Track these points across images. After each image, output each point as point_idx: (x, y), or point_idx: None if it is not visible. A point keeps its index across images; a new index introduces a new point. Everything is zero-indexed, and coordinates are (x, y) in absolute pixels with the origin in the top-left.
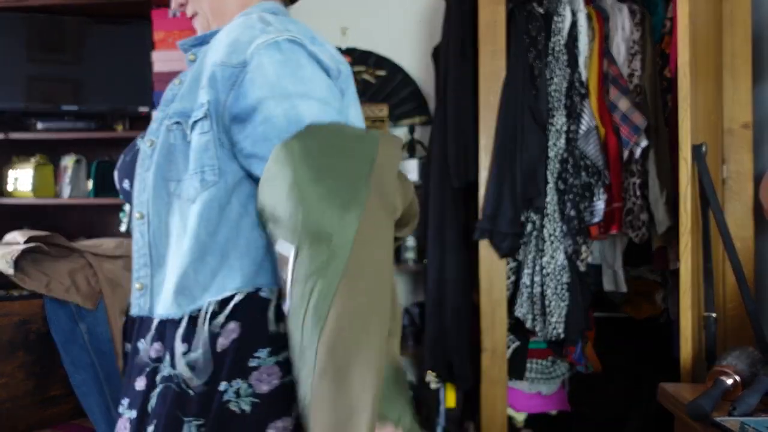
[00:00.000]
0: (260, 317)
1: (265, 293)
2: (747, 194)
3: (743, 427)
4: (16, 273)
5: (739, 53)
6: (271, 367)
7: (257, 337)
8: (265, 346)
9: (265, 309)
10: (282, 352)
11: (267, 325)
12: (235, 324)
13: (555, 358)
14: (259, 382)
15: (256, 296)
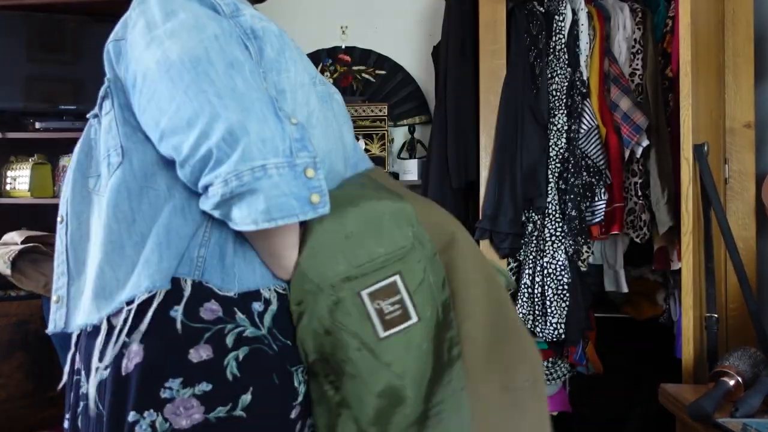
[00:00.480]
0: (171, 336)
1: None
2: (749, 194)
3: (745, 428)
4: (13, 273)
5: (740, 52)
6: (187, 400)
7: (166, 365)
8: (176, 376)
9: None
10: (198, 384)
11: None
12: (138, 347)
13: (556, 359)
14: (175, 416)
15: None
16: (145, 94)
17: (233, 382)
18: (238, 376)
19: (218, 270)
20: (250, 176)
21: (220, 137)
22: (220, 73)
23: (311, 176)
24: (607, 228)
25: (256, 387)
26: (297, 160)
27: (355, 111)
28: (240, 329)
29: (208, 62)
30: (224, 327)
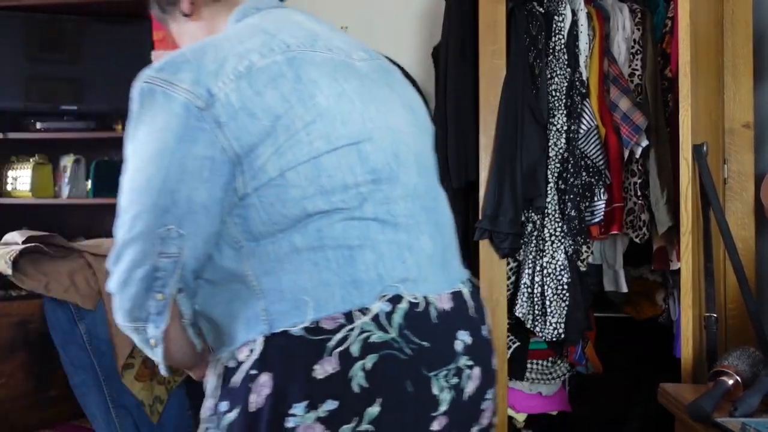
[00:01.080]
0: (295, 355)
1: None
2: (748, 194)
3: (744, 428)
4: (14, 273)
5: (740, 53)
6: (310, 426)
7: (292, 388)
8: (301, 399)
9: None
10: (323, 404)
11: (303, 367)
12: (267, 376)
13: (555, 359)
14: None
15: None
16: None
17: (360, 395)
18: (365, 387)
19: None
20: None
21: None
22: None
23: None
24: (606, 228)
25: (386, 397)
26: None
27: None
28: (366, 335)
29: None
30: (348, 335)
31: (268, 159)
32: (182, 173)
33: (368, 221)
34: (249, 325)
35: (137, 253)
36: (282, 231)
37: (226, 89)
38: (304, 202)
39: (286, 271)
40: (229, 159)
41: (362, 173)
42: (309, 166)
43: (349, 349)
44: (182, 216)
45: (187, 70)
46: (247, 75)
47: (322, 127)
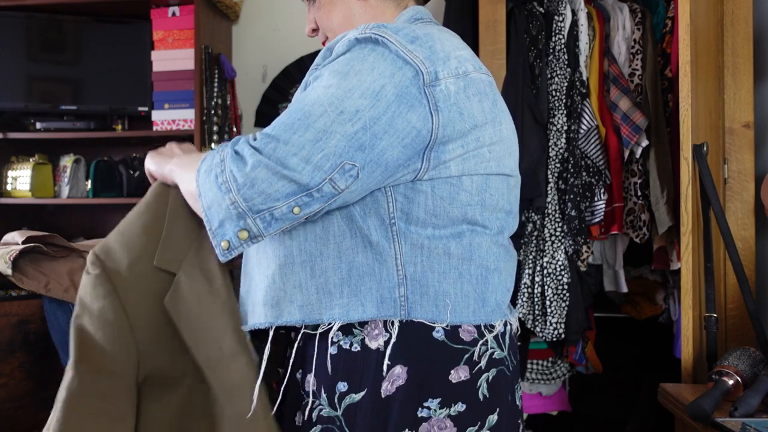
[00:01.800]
0: (434, 357)
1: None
2: (748, 194)
3: (744, 428)
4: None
5: (740, 52)
6: (442, 420)
7: (428, 385)
8: (436, 396)
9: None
10: (455, 404)
11: (441, 369)
12: (402, 369)
13: (555, 359)
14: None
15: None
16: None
17: (483, 403)
18: (487, 397)
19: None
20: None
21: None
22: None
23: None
24: (606, 228)
25: (501, 407)
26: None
27: None
28: (491, 351)
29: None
30: (479, 349)
31: (454, 158)
32: (390, 126)
33: (501, 248)
34: (384, 304)
35: (311, 162)
36: (437, 227)
37: (449, 80)
38: (467, 209)
39: (434, 270)
40: (429, 140)
41: (506, 203)
42: (482, 179)
43: (479, 362)
44: (369, 162)
45: (421, 45)
46: (465, 78)
47: (500, 150)
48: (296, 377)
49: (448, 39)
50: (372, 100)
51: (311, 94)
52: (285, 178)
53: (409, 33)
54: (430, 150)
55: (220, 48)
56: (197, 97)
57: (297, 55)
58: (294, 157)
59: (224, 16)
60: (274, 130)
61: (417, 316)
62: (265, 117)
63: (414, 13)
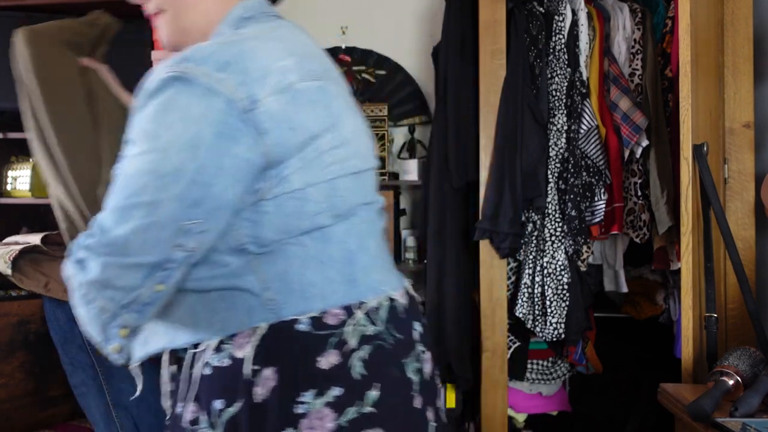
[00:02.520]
0: (300, 350)
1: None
2: (748, 194)
3: (745, 428)
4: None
5: (740, 52)
6: (320, 410)
7: (299, 380)
8: (309, 388)
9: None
10: (330, 390)
11: (309, 360)
12: (271, 370)
13: (555, 359)
14: (311, 430)
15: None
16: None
17: (361, 381)
18: (365, 374)
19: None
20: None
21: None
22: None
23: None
24: (606, 228)
25: (383, 382)
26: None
27: None
28: (362, 328)
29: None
30: (348, 330)
31: (296, 171)
32: (219, 169)
33: (361, 228)
34: (253, 314)
35: (150, 240)
36: (291, 237)
37: (270, 99)
38: (318, 218)
39: (292, 265)
40: (264, 164)
41: (359, 197)
42: (327, 185)
43: (348, 342)
44: (211, 212)
45: (233, 71)
46: (289, 91)
47: (342, 153)
48: (176, 413)
49: (271, 49)
50: (191, 151)
51: (130, 166)
52: (133, 267)
53: (220, 58)
54: (270, 170)
55: None
56: None
57: None
58: (131, 243)
59: None
60: (105, 219)
61: (287, 314)
62: None
63: (243, 12)
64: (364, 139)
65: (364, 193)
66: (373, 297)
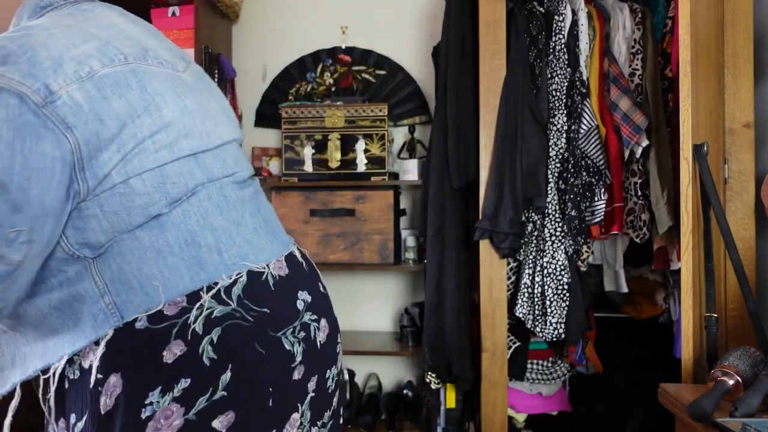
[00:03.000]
0: (142, 348)
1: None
2: (748, 194)
3: (745, 428)
4: None
5: (740, 52)
6: (167, 408)
7: (144, 380)
8: (155, 386)
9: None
10: (177, 383)
11: (152, 357)
12: (116, 377)
13: (555, 359)
14: (157, 431)
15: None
16: None
17: (211, 366)
18: (215, 358)
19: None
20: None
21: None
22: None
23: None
24: (606, 228)
25: (238, 361)
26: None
27: (355, 111)
28: (208, 311)
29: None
30: (192, 316)
31: (114, 165)
32: (28, 170)
33: (205, 206)
34: (97, 322)
35: None
36: (123, 234)
37: (69, 89)
38: (150, 209)
39: (128, 262)
40: (75, 161)
41: (201, 177)
42: (154, 173)
43: (193, 329)
44: (34, 219)
45: (16, 62)
46: (90, 80)
47: (167, 137)
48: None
49: (68, 36)
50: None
51: None
52: None
53: (3, 51)
54: (83, 169)
55: (220, 48)
56: None
57: (297, 55)
58: None
59: (224, 16)
60: None
61: (131, 314)
62: (265, 117)
63: (39, 1)
64: (205, 116)
65: (212, 170)
66: (228, 275)
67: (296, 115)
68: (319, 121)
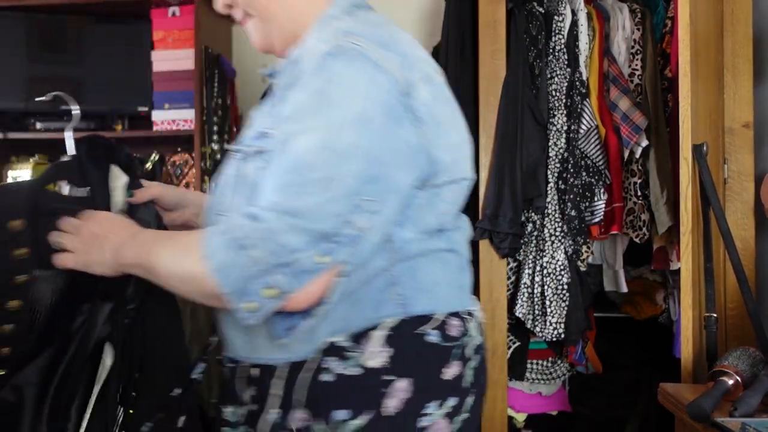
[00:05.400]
0: (429, 360)
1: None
2: (748, 194)
3: (744, 428)
4: None
5: (739, 53)
6: (438, 422)
7: (427, 391)
8: (434, 399)
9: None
10: (449, 398)
11: (436, 371)
12: (406, 381)
13: (555, 359)
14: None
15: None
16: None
17: (466, 389)
18: (472, 382)
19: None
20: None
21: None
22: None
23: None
24: (606, 228)
25: (477, 389)
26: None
27: None
28: (474, 339)
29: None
30: (467, 340)
31: (442, 168)
32: (387, 149)
33: (465, 237)
34: (380, 305)
35: (323, 212)
36: (423, 233)
37: (421, 87)
38: (444, 218)
39: (420, 263)
40: (422, 149)
41: (462, 204)
42: (456, 186)
43: (465, 353)
44: (385, 193)
45: (394, 50)
46: (431, 83)
47: (459, 158)
48: (268, 418)
49: (406, 37)
50: (362, 127)
51: (299, 143)
52: (301, 230)
53: (377, 37)
54: (425, 160)
55: (220, 48)
56: (197, 97)
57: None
58: (308, 209)
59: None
60: (276, 193)
61: (414, 310)
62: None
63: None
64: (468, 147)
65: (460, 205)
66: (473, 307)
67: None
68: None
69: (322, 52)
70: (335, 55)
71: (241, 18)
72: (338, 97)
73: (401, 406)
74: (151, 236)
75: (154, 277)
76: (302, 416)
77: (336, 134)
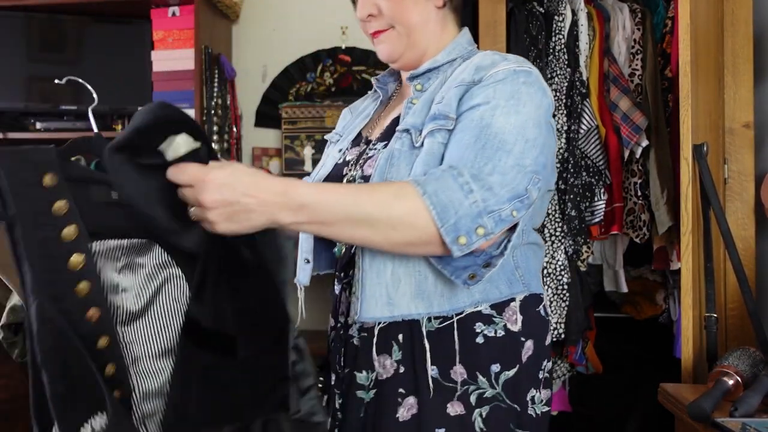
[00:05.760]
0: (544, 329)
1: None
2: (748, 194)
3: (744, 428)
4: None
5: (740, 53)
6: (546, 375)
7: (544, 351)
8: (549, 359)
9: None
10: (549, 360)
11: (547, 337)
12: (530, 342)
13: (555, 359)
14: (540, 394)
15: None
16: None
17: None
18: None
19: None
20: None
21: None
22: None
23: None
24: (606, 228)
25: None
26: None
27: None
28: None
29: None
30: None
31: (553, 179)
32: (549, 150)
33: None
34: (512, 283)
35: (514, 179)
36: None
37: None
38: (536, 218)
39: (524, 251)
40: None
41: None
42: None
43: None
44: (543, 178)
45: (542, 78)
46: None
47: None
48: (425, 369)
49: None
50: (539, 128)
51: (497, 123)
52: (508, 186)
53: (533, 67)
54: (552, 173)
55: (220, 48)
56: (197, 97)
57: (297, 55)
58: (509, 172)
59: (224, 16)
60: (479, 158)
61: (533, 289)
62: (265, 117)
63: (470, 38)
64: None
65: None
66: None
67: (296, 115)
68: (319, 122)
69: (512, 69)
70: (520, 74)
71: (378, 28)
72: (525, 100)
73: (529, 361)
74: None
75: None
76: (462, 371)
77: (525, 126)
